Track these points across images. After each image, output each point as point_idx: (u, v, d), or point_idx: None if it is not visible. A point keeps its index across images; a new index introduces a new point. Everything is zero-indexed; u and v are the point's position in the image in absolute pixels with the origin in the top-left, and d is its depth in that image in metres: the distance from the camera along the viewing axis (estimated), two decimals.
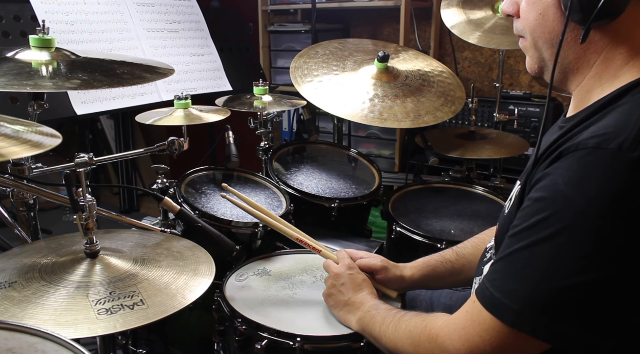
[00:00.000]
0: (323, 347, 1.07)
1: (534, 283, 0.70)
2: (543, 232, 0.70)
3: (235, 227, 1.46)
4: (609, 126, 0.69)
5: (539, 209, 0.71)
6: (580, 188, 0.67)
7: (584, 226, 0.67)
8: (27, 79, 1.05)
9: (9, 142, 0.86)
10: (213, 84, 2.18)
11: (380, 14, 2.93)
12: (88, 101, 1.74)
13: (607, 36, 0.76)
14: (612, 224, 0.66)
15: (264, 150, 1.84)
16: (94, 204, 1.04)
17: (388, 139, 2.70)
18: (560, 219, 0.68)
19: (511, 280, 0.73)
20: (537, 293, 0.70)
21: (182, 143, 1.57)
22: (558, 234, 0.68)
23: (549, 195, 0.70)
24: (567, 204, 0.68)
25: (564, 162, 0.70)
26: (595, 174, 0.66)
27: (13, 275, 1.01)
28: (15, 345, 0.68)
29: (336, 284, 1.12)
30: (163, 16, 2.13)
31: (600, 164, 0.66)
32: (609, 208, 0.65)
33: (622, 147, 0.65)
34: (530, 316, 0.70)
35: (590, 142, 0.68)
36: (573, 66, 0.80)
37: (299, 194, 1.67)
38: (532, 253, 0.71)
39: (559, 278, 0.69)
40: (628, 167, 0.64)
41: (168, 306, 0.96)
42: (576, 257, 0.67)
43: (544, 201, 0.70)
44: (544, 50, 0.82)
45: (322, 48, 2.02)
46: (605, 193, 0.65)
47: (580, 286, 0.68)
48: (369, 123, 1.74)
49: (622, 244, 0.66)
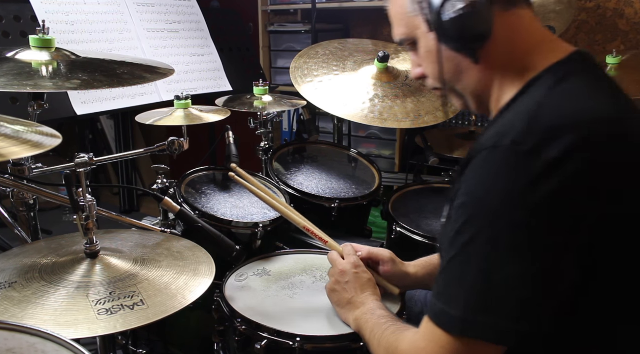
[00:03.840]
0: (323, 347, 1.07)
1: (468, 285, 0.72)
2: (466, 235, 0.72)
3: (235, 227, 1.46)
4: (502, 125, 0.75)
5: (461, 214, 0.74)
6: (486, 186, 0.71)
7: (497, 222, 0.70)
8: (27, 79, 1.05)
9: (9, 142, 0.86)
10: (213, 84, 2.18)
11: (380, 14, 2.91)
12: (88, 101, 1.74)
13: (493, 53, 0.82)
14: (520, 215, 0.68)
15: (264, 150, 1.84)
16: (94, 204, 1.04)
17: (388, 139, 2.70)
18: (477, 220, 0.72)
19: (450, 288, 0.75)
20: (473, 294, 0.72)
21: (182, 143, 1.57)
22: (478, 234, 0.71)
23: (465, 200, 0.74)
24: (479, 204, 0.72)
25: (472, 165, 0.75)
26: (496, 171, 0.71)
27: (13, 275, 1.01)
28: (15, 345, 0.68)
29: (340, 281, 1.12)
30: (163, 16, 2.13)
31: (498, 160, 0.71)
32: (515, 200, 0.69)
33: (514, 141, 0.69)
34: (474, 320, 0.71)
35: (488, 142, 0.73)
36: (480, 89, 0.87)
37: (299, 194, 1.67)
38: (462, 258, 0.73)
39: (488, 276, 0.70)
40: (522, 159, 0.69)
41: (168, 306, 0.96)
42: (498, 253, 0.70)
43: (462, 207, 0.74)
44: (456, 86, 0.89)
45: (322, 48, 2.02)
46: (508, 186, 0.69)
47: (509, 279, 0.69)
48: (369, 123, 1.74)
49: (534, 233, 0.69)
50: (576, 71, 0.78)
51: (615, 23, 2.34)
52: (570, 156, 0.67)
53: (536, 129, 0.70)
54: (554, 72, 0.78)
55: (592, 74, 0.79)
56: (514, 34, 0.81)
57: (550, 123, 0.71)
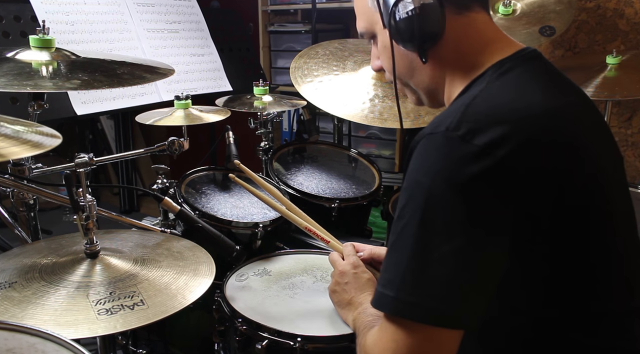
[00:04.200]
0: (323, 347, 1.07)
1: (403, 266, 0.73)
2: (404, 218, 0.75)
3: (235, 227, 1.46)
4: (440, 116, 0.79)
5: (401, 198, 0.77)
6: (422, 169, 0.75)
7: (429, 202, 0.73)
8: (27, 79, 1.05)
9: (9, 142, 0.86)
10: (213, 84, 2.18)
11: None
12: (88, 101, 1.74)
13: (444, 53, 0.86)
14: (451, 196, 0.71)
15: (264, 150, 1.84)
16: (94, 204, 1.04)
17: (388, 139, 2.70)
18: (414, 201, 0.74)
19: (388, 271, 0.76)
20: (406, 274, 0.73)
21: (182, 143, 1.57)
22: (413, 215, 0.74)
23: (406, 184, 0.77)
24: (416, 186, 0.75)
25: (413, 153, 0.78)
26: (431, 154, 0.75)
27: (13, 275, 1.01)
28: (15, 345, 0.68)
29: (340, 282, 1.12)
30: (163, 16, 2.13)
31: (434, 145, 0.75)
32: (446, 181, 0.72)
33: (448, 128, 0.74)
34: (406, 300, 0.72)
35: (426, 130, 0.78)
36: (432, 86, 0.91)
37: (299, 194, 1.67)
38: (400, 240, 0.75)
39: (422, 257, 0.72)
40: (455, 144, 0.73)
41: (168, 306, 0.96)
42: (429, 233, 0.72)
43: (404, 191, 0.77)
44: (410, 82, 0.94)
45: (322, 48, 2.02)
46: (440, 168, 0.73)
47: (439, 259, 0.71)
48: (369, 123, 1.74)
49: (463, 214, 0.71)
50: (516, 67, 0.82)
51: (615, 23, 2.34)
52: (500, 144, 0.71)
53: (469, 117, 0.74)
54: (495, 68, 0.82)
55: (531, 69, 0.83)
56: (465, 36, 0.85)
57: (483, 112, 0.75)
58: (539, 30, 1.86)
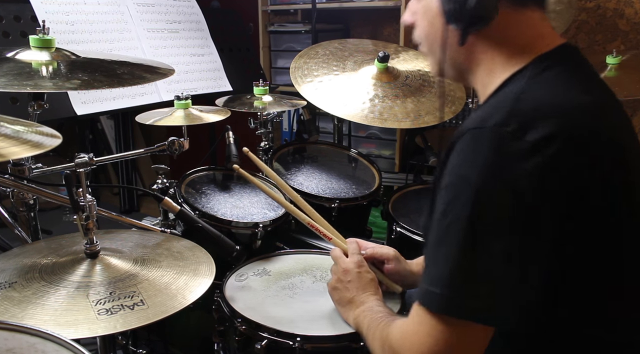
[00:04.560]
0: (322, 347, 1.08)
1: (450, 264, 0.73)
2: (451, 214, 0.74)
3: (235, 227, 1.46)
4: (486, 109, 0.78)
5: (445, 194, 0.76)
6: (470, 165, 0.73)
7: (481, 198, 0.71)
8: (27, 79, 1.05)
9: (9, 142, 0.86)
10: (213, 84, 2.18)
11: (380, 14, 2.92)
12: (88, 101, 1.74)
13: (488, 38, 0.84)
14: (501, 193, 0.71)
15: (264, 150, 1.84)
16: (94, 204, 1.05)
17: (388, 139, 2.69)
18: (462, 197, 0.73)
19: (434, 268, 0.76)
20: (455, 272, 0.73)
21: (182, 143, 1.57)
22: (463, 212, 0.72)
23: (450, 180, 0.76)
24: (463, 181, 0.73)
25: (456, 147, 0.77)
26: (480, 150, 0.73)
27: (13, 275, 1.01)
28: (15, 345, 0.68)
29: (343, 280, 1.12)
30: (163, 16, 2.13)
31: (482, 140, 0.73)
32: (499, 177, 0.71)
33: (497, 123, 0.73)
34: (454, 297, 0.72)
35: (471, 124, 0.76)
36: (465, 66, 0.89)
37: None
38: (447, 238, 0.74)
39: (471, 255, 0.72)
40: (505, 140, 0.72)
41: (168, 306, 0.96)
42: (478, 230, 0.72)
43: (448, 187, 0.76)
44: (438, 53, 0.91)
45: (322, 48, 2.02)
46: (492, 164, 0.71)
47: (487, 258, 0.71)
48: (369, 123, 1.74)
49: (520, 210, 0.70)
50: (556, 63, 0.81)
51: (615, 23, 2.34)
52: (549, 141, 0.71)
53: (517, 113, 0.73)
54: (537, 64, 0.81)
55: (571, 67, 0.83)
56: (513, 30, 0.83)
57: (530, 109, 0.74)
58: None
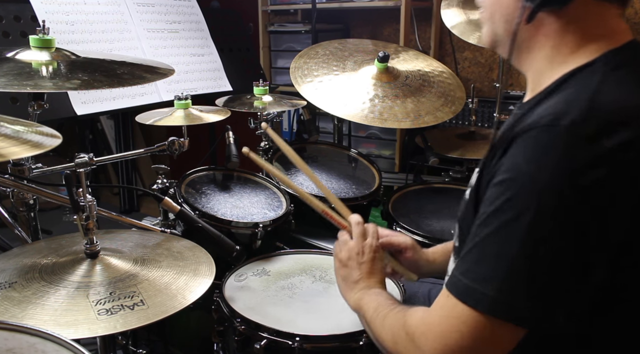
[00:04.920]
0: (322, 346, 1.08)
1: (506, 265, 0.70)
2: (509, 212, 0.70)
3: (235, 227, 1.46)
4: (557, 104, 0.72)
5: (503, 191, 0.72)
6: (539, 165, 0.69)
7: (547, 200, 0.68)
8: (27, 79, 1.05)
9: (9, 142, 0.86)
10: (213, 84, 2.18)
11: (380, 14, 2.93)
12: (88, 101, 1.74)
13: (558, 21, 0.79)
14: (569, 196, 0.67)
15: (264, 150, 1.84)
16: (94, 204, 1.05)
17: (388, 139, 2.69)
18: (524, 198, 0.69)
19: (483, 266, 0.73)
20: (510, 275, 0.70)
21: (182, 143, 1.57)
22: (524, 212, 0.69)
23: (511, 176, 0.71)
24: (529, 182, 0.69)
25: (521, 143, 0.72)
26: (552, 151, 0.69)
27: (13, 275, 1.01)
28: (15, 345, 0.68)
29: (356, 259, 1.07)
30: (163, 16, 2.13)
31: (556, 140, 0.69)
32: (567, 180, 0.67)
33: (574, 122, 0.68)
34: (507, 301, 0.70)
35: (542, 120, 0.71)
36: (525, 45, 0.83)
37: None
38: (501, 236, 0.71)
39: (530, 257, 0.69)
40: (582, 142, 0.67)
41: (168, 306, 0.96)
42: (545, 234, 0.68)
43: (506, 182, 0.72)
44: (498, 24, 0.85)
45: (322, 48, 2.02)
46: (562, 166, 0.68)
47: (548, 263, 0.68)
48: (369, 123, 1.74)
49: (586, 216, 0.67)
50: (628, 61, 0.77)
51: None
52: (627, 147, 0.67)
53: (596, 113, 0.69)
54: (608, 59, 0.77)
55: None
56: (589, 19, 0.79)
57: (609, 110, 0.70)
58: None
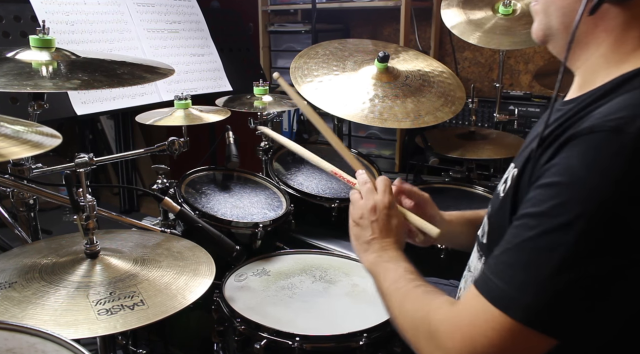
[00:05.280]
0: (322, 346, 1.08)
1: (548, 273, 0.65)
2: (558, 218, 0.65)
3: (235, 227, 1.46)
4: (622, 108, 0.67)
5: (553, 194, 0.67)
6: (601, 172, 0.64)
7: (607, 212, 0.64)
8: (27, 79, 1.05)
9: (9, 142, 0.86)
10: (213, 84, 2.18)
11: (380, 14, 2.93)
12: (88, 101, 1.74)
13: (621, 15, 0.74)
14: (636, 212, 0.63)
15: (264, 150, 1.84)
16: (94, 204, 1.05)
17: (388, 139, 2.69)
18: (579, 204, 0.64)
19: (520, 271, 0.68)
20: (552, 283, 0.65)
21: (182, 143, 1.57)
22: (576, 220, 0.64)
23: (564, 179, 0.66)
24: (586, 188, 0.64)
25: (578, 146, 0.67)
26: (617, 158, 0.64)
27: (13, 275, 1.01)
28: (15, 345, 0.68)
29: (368, 217, 1.00)
30: (163, 16, 2.13)
31: (622, 147, 0.64)
32: (635, 194, 0.63)
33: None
34: (544, 310, 0.66)
35: (606, 124, 0.66)
36: (581, 39, 0.78)
37: (299, 194, 1.67)
38: (545, 241, 0.66)
39: (575, 269, 0.64)
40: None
41: (168, 306, 0.96)
42: (597, 243, 0.64)
43: (558, 186, 0.67)
44: (553, 17, 0.80)
45: (322, 48, 2.02)
46: (630, 177, 0.63)
47: (598, 277, 0.64)
48: (369, 123, 1.73)
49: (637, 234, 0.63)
50: None
51: None
52: None
53: None
54: None
55: None
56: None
57: None
58: None
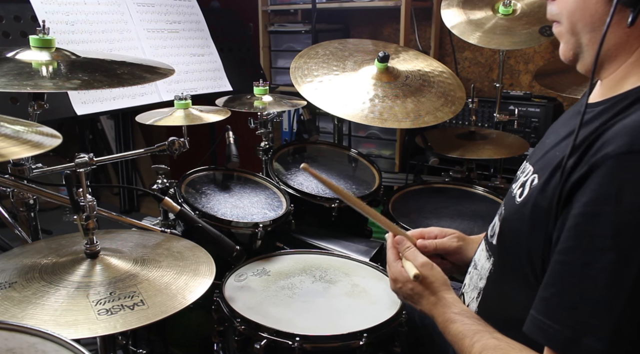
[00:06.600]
0: (322, 346, 1.08)
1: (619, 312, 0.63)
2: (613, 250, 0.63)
3: (235, 227, 1.46)
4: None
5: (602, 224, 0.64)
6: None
7: None
8: (27, 79, 1.06)
9: (9, 142, 0.86)
10: (213, 84, 2.18)
11: (380, 14, 2.93)
12: (88, 101, 1.74)
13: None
14: None
15: (264, 150, 1.84)
16: (94, 204, 1.05)
17: (388, 139, 2.70)
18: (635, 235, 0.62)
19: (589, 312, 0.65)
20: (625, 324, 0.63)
21: (182, 143, 1.57)
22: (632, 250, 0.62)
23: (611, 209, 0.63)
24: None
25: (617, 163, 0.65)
26: None
27: (13, 275, 1.01)
28: (15, 345, 0.68)
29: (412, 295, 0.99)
30: (163, 16, 2.13)
31: None
32: None
33: None
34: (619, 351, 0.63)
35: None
36: (612, 52, 0.76)
37: (299, 194, 1.67)
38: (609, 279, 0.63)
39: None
40: None
41: (168, 306, 0.96)
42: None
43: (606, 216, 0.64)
44: (582, 34, 0.78)
45: (322, 48, 2.02)
46: None
47: None
48: (369, 123, 1.74)
49: None
50: None
51: None
52: None
53: None
54: None
55: None
56: None
57: None
58: (539, 30, 1.86)
